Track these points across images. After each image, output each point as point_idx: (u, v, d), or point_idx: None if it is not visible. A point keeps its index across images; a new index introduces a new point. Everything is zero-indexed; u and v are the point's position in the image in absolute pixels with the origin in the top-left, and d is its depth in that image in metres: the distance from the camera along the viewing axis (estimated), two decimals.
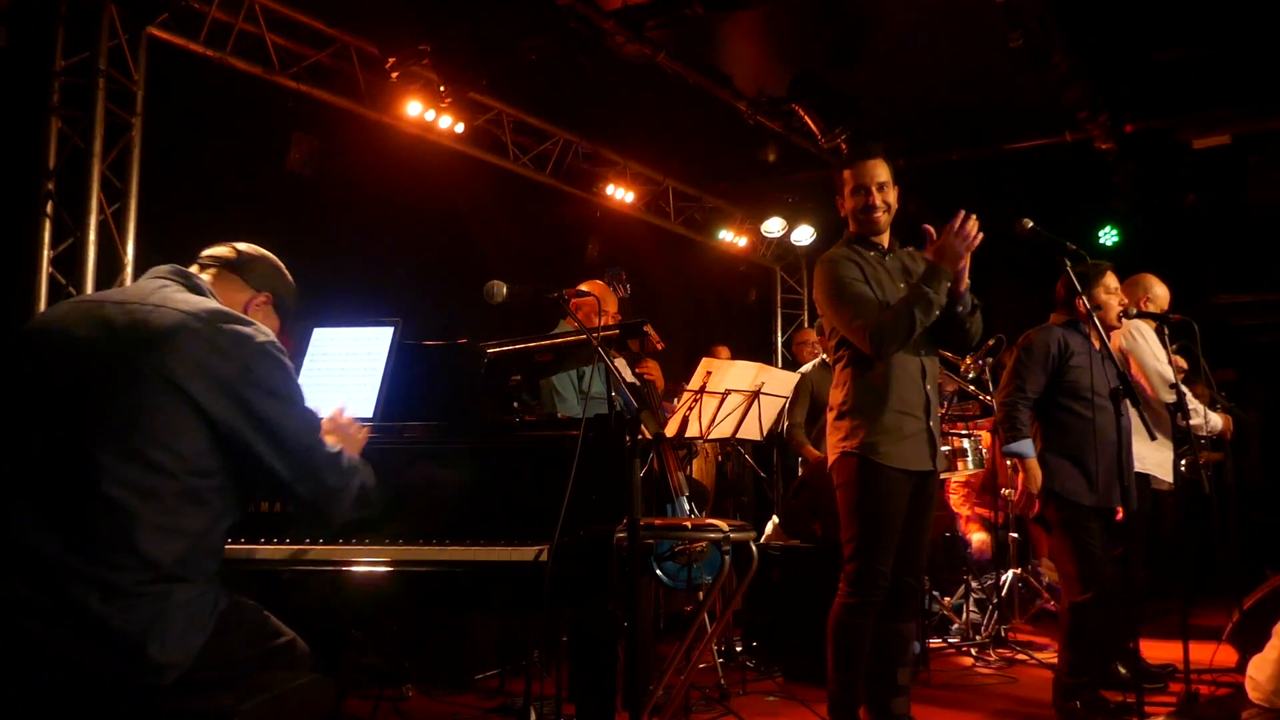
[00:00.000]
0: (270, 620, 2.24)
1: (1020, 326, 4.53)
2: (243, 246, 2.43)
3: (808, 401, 5.93)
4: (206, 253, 2.41)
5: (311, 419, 2.25)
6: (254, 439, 2.11)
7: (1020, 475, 4.27)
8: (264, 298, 2.39)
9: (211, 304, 2.20)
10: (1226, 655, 4.72)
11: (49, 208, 4.77)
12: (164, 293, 2.18)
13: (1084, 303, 4.07)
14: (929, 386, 3.59)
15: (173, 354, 2.04)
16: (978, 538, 6.42)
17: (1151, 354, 4.78)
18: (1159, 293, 5.05)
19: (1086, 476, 4.15)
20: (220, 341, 2.10)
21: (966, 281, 3.51)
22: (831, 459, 3.60)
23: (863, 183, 3.60)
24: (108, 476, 1.96)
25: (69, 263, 4.80)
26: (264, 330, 2.19)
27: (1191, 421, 4.68)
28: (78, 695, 1.95)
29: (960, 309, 3.55)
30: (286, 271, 2.49)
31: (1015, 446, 4.22)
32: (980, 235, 3.41)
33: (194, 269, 2.34)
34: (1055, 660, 4.27)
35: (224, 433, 2.08)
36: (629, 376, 4.75)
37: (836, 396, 3.62)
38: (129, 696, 1.97)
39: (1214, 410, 5.00)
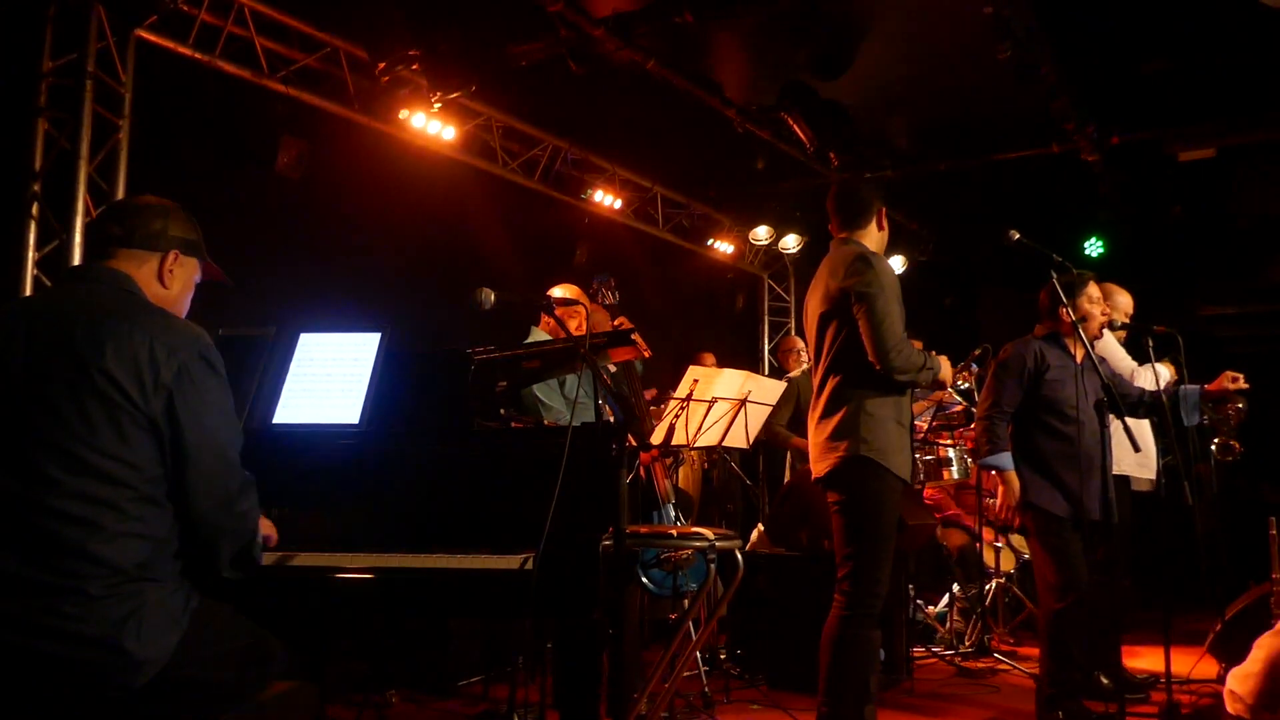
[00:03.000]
0: (242, 619, 2.25)
1: (1006, 336, 4.56)
2: (124, 211, 2.33)
3: (793, 406, 5.95)
4: (96, 234, 2.32)
5: (239, 436, 2.24)
6: (181, 444, 2.09)
7: (1000, 486, 4.31)
8: (172, 254, 2.30)
9: (143, 306, 2.18)
10: (1208, 665, 4.75)
11: (35, 209, 4.75)
12: (94, 296, 2.16)
13: (1068, 313, 4.10)
14: (912, 404, 3.66)
15: (109, 359, 2.04)
16: (957, 539, 6.42)
17: (1120, 358, 4.85)
18: (1121, 301, 5.09)
19: (1060, 489, 4.19)
20: (156, 346, 2.09)
21: None
22: (831, 461, 3.51)
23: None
24: (58, 490, 1.97)
25: (54, 265, 4.77)
26: (199, 334, 2.18)
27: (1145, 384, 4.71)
28: (59, 701, 1.94)
29: None
30: (172, 206, 2.37)
31: (993, 459, 4.26)
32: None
33: (104, 260, 2.26)
34: (1037, 669, 4.29)
35: (161, 435, 2.07)
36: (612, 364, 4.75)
37: (840, 398, 3.53)
38: (110, 701, 1.97)
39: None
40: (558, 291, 4.59)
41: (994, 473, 4.40)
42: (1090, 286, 4.43)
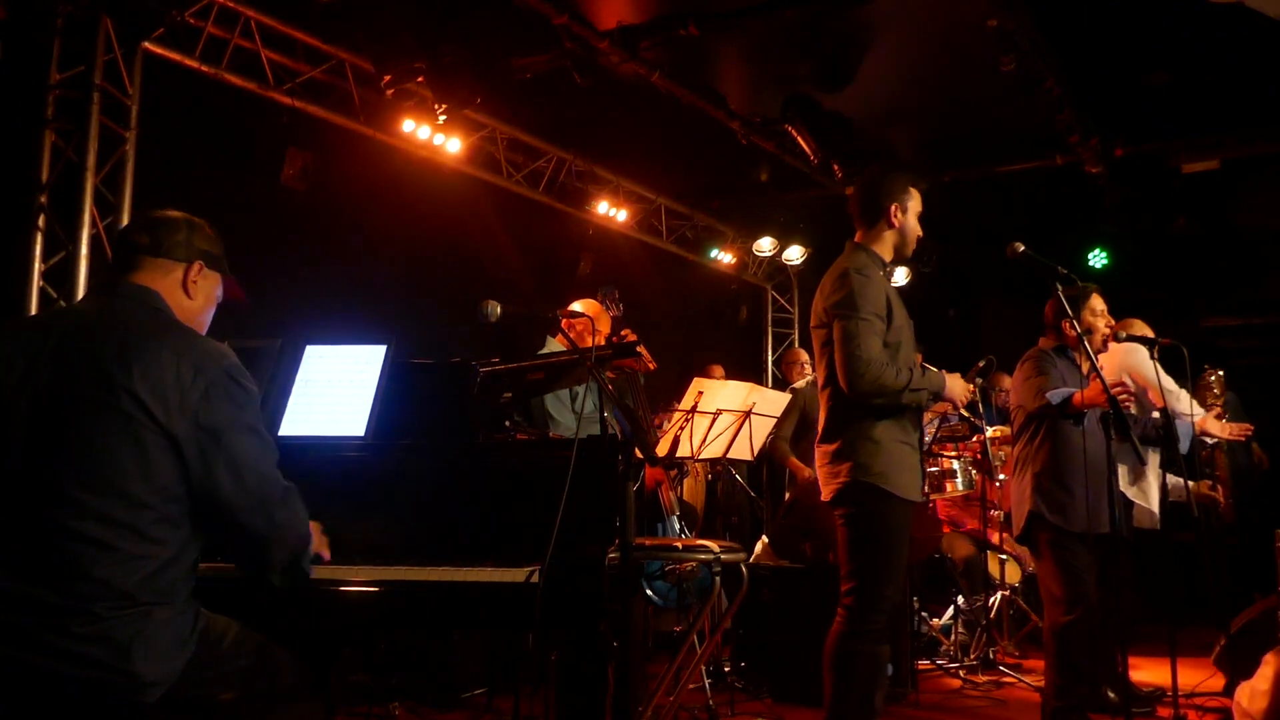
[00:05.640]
0: (250, 635, 2.24)
1: (1010, 347, 4.55)
2: (152, 222, 2.32)
3: (797, 418, 5.95)
4: (123, 244, 2.32)
5: (271, 449, 2.23)
6: (214, 461, 2.08)
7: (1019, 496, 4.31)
8: (196, 266, 2.31)
9: (170, 324, 2.19)
10: (1215, 678, 4.73)
11: (41, 220, 4.77)
12: (123, 313, 2.16)
13: (1073, 326, 4.10)
14: (921, 419, 3.58)
15: (136, 380, 2.03)
16: (962, 550, 6.39)
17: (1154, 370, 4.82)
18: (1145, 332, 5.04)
19: (1074, 500, 4.17)
20: (183, 365, 2.08)
21: None
22: (835, 486, 3.45)
23: (922, 210, 3.60)
24: (79, 511, 1.97)
25: (60, 276, 4.79)
26: (226, 352, 2.18)
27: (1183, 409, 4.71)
28: (68, 718, 1.94)
29: None
30: (198, 221, 2.39)
31: (1059, 392, 4.14)
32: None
33: (130, 272, 2.26)
34: (1043, 683, 4.27)
35: (187, 456, 2.06)
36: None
37: (839, 420, 3.47)
38: (119, 719, 1.96)
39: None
40: (577, 307, 4.56)
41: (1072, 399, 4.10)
42: (1094, 299, 4.43)
